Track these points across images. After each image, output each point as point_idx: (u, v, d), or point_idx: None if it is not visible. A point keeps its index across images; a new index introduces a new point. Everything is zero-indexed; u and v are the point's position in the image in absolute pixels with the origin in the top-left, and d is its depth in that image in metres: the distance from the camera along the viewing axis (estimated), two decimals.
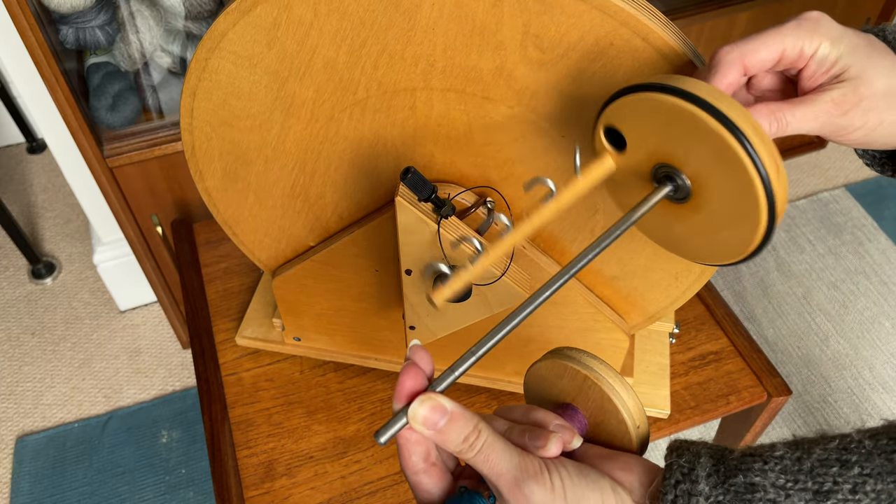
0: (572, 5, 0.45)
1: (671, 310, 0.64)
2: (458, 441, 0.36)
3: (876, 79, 0.42)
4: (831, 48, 0.42)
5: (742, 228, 0.40)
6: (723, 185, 0.39)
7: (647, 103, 0.40)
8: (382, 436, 0.35)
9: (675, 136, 0.40)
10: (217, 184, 0.63)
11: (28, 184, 1.75)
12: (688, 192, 0.41)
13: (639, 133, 0.41)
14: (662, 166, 0.41)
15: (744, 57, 0.42)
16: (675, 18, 1.23)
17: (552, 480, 0.36)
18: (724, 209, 0.40)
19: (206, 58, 0.53)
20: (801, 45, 0.42)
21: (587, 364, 0.42)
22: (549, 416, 0.41)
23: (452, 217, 0.56)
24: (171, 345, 1.45)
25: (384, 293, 0.69)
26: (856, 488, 0.34)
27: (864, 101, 0.42)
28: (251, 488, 0.70)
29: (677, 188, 0.41)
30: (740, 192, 0.38)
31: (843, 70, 0.42)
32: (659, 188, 0.42)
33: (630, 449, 0.42)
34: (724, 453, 0.37)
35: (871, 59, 0.42)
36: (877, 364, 1.42)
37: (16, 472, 1.28)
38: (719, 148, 0.38)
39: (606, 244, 0.41)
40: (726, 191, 0.39)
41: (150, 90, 1.07)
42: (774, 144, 0.38)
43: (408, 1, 0.47)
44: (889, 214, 1.68)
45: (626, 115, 0.41)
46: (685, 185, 0.41)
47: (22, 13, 0.83)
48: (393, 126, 0.55)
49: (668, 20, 0.46)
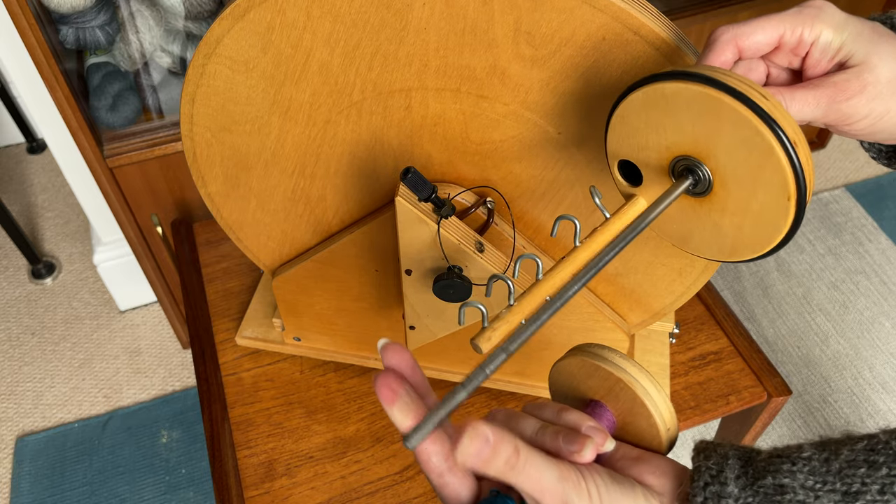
0: (563, 1, 0.45)
1: (676, 306, 0.64)
2: (499, 465, 0.34)
3: (881, 66, 0.41)
4: (834, 35, 0.41)
5: (768, 219, 0.38)
6: (748, 175, 0.38)
7: (662, 92, 0.38)
8: (412, 440, 0.33)
9: (696, 125, 0.38)
10: (219, 189, 0.63)
11: (28, 184, 1.75)
12: (709, 185, 0.40)
13: (655, 127, 0.40)
14: (681, 159, 0.40)
15: (738, 38, 0.41)
16: (675, 18, 1.23)
17: (589, 489, 0.36)
18: (749, 200, 0.39)
19: (203, 63, 0.53)
20: (801, 31, 0.41)
21: (619, 365, 0.41)
22: (582, 418, 0.40)
23: (452, 217, 0.56)
24: (171, 345, 1.46)
25: (384, 293, 0.69)
26: (884, 489, 0.34)
27: (868, 87, 0.41)
28: (251, 488, 0.70)
29: (698, 181, 0.40)
30: (769, 181, 0.37)
31: (847, 57, 0.41)
32: (678, 182, 0.40)
33: (658, 450, 0.41)
34: (751, 454, 0.37)
35: (876, 46, 0.41)
36: (877, 364, 1.42)
37: (16, 472, 1.28)
38: (747, 135, 0.36)
39: (629, 240, 0.40)
40: (752, 180, 0.38)
41: (150, 90, 1.07)
42: (802, 132, 0.37)
43: (399, 1, 0.47)
44: (889, 214, 1.68)
45: (640, 110, 0.40)
46: (706, 177, 0.40)
47: (22, 13, 0.83)
48: (390, 127, 0.55)
49: (660, 13, 0.46)
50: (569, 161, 0.54)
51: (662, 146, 0.41)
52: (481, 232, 0.58)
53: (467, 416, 0.74)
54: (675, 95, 0.38)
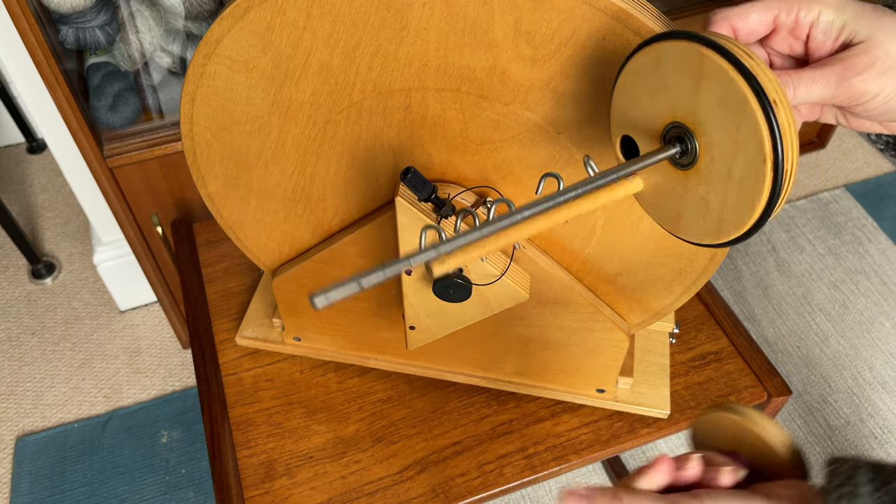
0: (563, 1, 0.45)
1: (676, 306, 0.64)
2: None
3: (889, 41, 0.40)
4: (835, 15, 0.41)
5: (749, 186, 0.38)
6: (729, 138, 0.37)
7: (655, 53, 0.39)
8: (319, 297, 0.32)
9: (682, 85, 0.38)
10: (219, 189, 0.63)
11: (28, 184, 1.75)
12: (695, 156, 0.40)
13: (649, 91, 0.40)
14: (673, 127, 0.40)
15: (731, 18, 0.41)
16: (675, 18, 1.23)
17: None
18: (730, 167, 0.38)
19: (203, 63, 0.53)
20: (797, 12, 0.41)
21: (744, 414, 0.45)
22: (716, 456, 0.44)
23: (452, 217, 0.56)
24: (171, 345, 1.46)
25: (384, 293, 0.69)
26: None
27: (878, 61, 0.40)
28: (251, 488, 0.70)
29: (685, 151, 0.40)
30: (746, 142, 0.36)
31: (851, 36, 0.41)
32: (666, 147, 0.40)
33: None
34: (880, 464, 0.38)
35: (881, 23, 0.40)
36: (877, 364, 1.42)
37: (16, 472, 1.28)
38: (726, 92, 0.36)
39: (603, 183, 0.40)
40: (732, 143, 0.37)
41: (150, 90, 1.07)
42: (791, 108, 0.36)
43: (399, 1, 0.47)
44: (889, 214, 1.68)
45: (636, 75, 0.40)
46: (693, 147, 0.39)
47: (22, 13, 0.83)
48: (390, 127, 0.55)
49: (660, 13, 0.46)
50: (569, 161, 0.54)
51: (654, 114, 0.41)
52: None
53: (467, 415, 0.74)
54: (665, 54, 0.38)
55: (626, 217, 0.58)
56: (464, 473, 0.71)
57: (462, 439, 0.73)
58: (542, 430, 0.73)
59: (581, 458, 0.72)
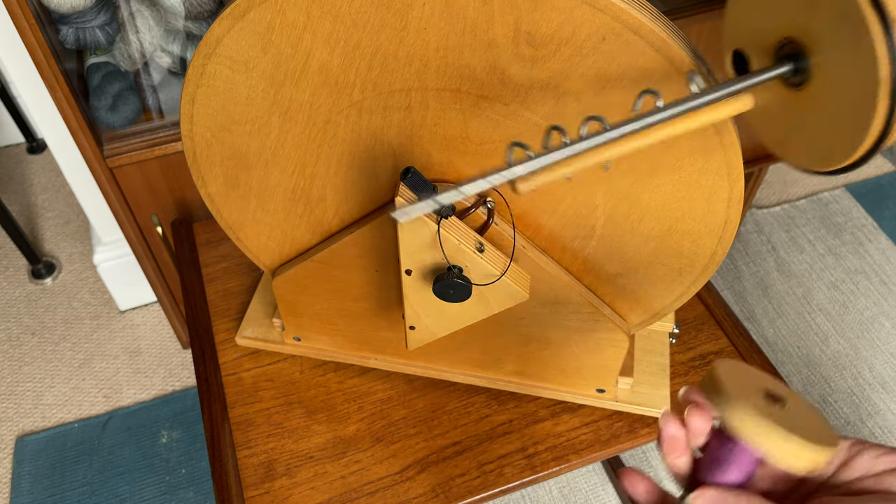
0: (563, 1, 0.45)
1: (676, 306, 0.64)
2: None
3: None
4: None
5: (862, 112, 0.36)
6: (843, 58, 0.35)
7: None
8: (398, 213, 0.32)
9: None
10: (219, 189, 0.63)
11: (28, 184, 1.75)
12: (807, 76, 0.38)
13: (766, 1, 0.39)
14: (787, 43, 0.38)
15: None
16: (675, 18, 1.23)
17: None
18: (843, 89, 0.36)
19: (203, 64, 0.53)
20: None
21: None
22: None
23: (452, 217, 0.56)
24: (171, 345, 1.46)
25: (384, 293, 0.69)
26: None
27: None
28: (251, 488, 0.70)
29: (798, 70, 0.38)
30: (862, 63, 0.34)
31: None
32: (778, 64, 0.39)
33: None
34: None
35: None
36: (877, 364, 1.42)
37: (16, 472, 1.28)
38: (845, 7, 0.34)
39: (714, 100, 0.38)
40: (847, 64, 0.35)
41: (150, 90, 1.07)
42: None
43: (399, 1, 0.47)
44: (889, 214, 1.68)
45: None
46: (806, 66, 0.37)
47: (22, 13, 0.83)
48: (390, 127, 0.55)
49: (660, 13, 0.46)
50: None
51: (768, 28, 0.39)
52: (481, 232, 0.58)
53: (467, 415, 0.74)
54: None
55: (626, 217, 0.58)
56: (464, 473, 0.71)
57: (462, 439, 0.73)
58: (542, 430, 0.73)
59: (581, 458, 0.72)
